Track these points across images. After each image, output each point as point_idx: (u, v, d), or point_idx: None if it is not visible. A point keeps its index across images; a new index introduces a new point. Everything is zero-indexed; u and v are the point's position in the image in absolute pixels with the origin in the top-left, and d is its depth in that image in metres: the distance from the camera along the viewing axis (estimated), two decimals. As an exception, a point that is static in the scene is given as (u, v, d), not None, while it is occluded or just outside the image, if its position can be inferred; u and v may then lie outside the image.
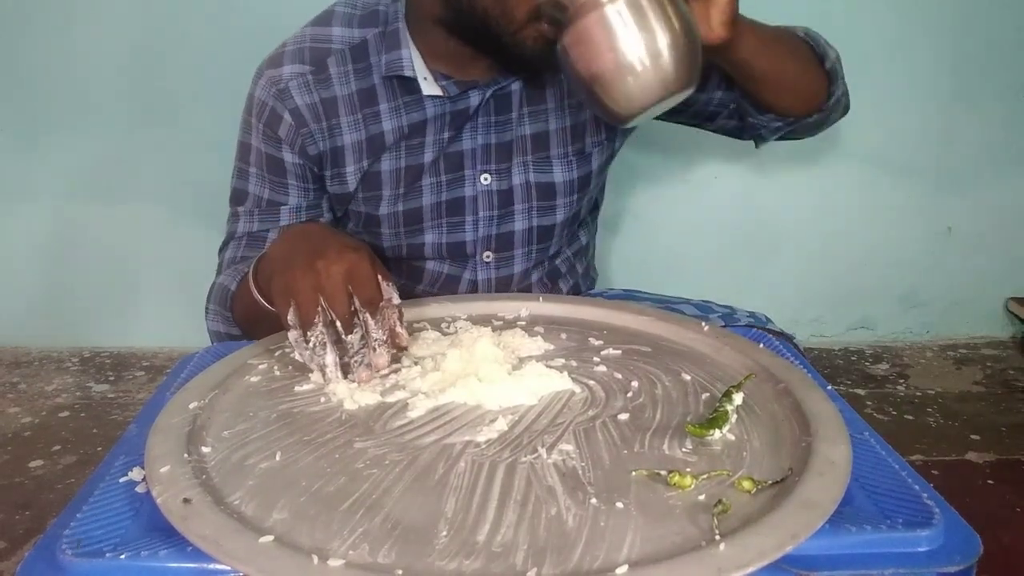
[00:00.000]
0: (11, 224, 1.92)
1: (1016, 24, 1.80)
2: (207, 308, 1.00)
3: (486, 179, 1.02)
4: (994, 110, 1.86)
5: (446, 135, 0.99)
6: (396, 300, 0.74)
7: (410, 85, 0.97)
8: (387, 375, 0.73)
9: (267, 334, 0.83)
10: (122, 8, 1.76)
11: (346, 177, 1.00)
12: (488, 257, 1.07)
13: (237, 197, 1.03)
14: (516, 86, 1.00)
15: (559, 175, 1.05)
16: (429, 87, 0.97)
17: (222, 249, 1.05)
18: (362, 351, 0.72)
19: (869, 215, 1.94)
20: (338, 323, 0.71)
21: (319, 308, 0.71)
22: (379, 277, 0.73)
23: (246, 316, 0.94)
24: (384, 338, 0.72)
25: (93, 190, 1.89)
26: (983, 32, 1.81)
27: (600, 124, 1.06)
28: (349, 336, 0.71)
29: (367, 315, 0.71)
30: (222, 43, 1.74)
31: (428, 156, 1.00)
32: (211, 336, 1.01)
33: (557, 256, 1.13)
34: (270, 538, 0.49)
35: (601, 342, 0.82)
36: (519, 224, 1.05)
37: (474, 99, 0.98)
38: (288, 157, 0.99)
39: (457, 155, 1.01)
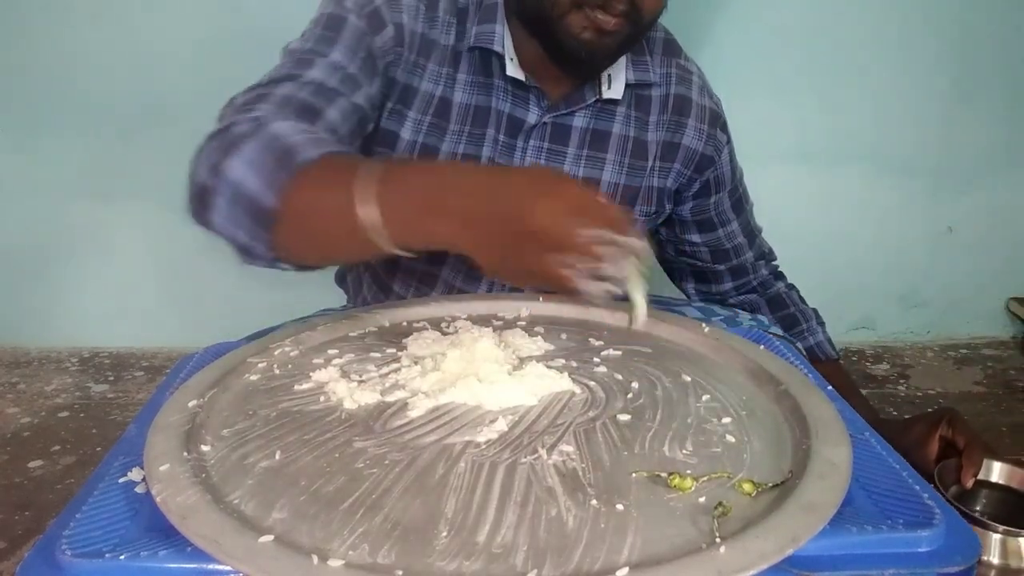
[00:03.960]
0: (10, 223, 1.92)
1: (1016, 24, 1.80)
2: (207, 147, 0.80)
3: None
4: (994, 110, 1.86)
5: (501, 139, 0.98)
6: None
7: (489, 67, 0.96)
8: (387, 374, 0.73)
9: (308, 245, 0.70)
10: (121, 8, 1.75)
11: (405, 119, 0.96)
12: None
13: (323, 40, 0.88)
14: (579, 122, 0.99)
15: None
16: (514, 69, 0.95)
17: (258, 86, 0.85)
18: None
19: (869, 215, 1.94)
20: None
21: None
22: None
23: (319, 212, 0.68)
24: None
25: (93, 190, 1.88)
26: (983, 32, 1.80)
27: (652, 197, 1.05)
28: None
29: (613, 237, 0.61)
30: (222, 43, 1.74)
31: (487, 151, 0.98)
32: (193, 187, 0.80)
33: None
34: (270, 538, 0.49)
35: (601, 343, 0.81)
36: None
37: (532, 116, 0.97)
38: (369, 64, 0.90)
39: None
